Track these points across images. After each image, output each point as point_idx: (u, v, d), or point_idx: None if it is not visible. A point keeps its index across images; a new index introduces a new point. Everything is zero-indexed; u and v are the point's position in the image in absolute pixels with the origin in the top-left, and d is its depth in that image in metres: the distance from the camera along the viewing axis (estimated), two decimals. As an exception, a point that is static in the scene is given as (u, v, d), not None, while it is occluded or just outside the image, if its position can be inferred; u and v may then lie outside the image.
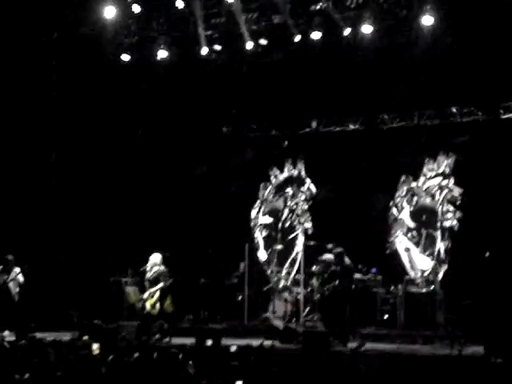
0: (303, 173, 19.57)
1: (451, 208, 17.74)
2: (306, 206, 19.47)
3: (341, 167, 18.69)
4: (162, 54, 17.79)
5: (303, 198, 19.53)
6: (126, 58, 18.16)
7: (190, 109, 19.49)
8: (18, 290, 16.39)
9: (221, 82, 18.77)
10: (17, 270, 16.35)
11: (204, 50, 17.69)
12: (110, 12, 16.90)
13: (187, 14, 17.16)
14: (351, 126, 19.02)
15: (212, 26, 17.57)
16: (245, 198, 19.90)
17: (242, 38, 17.35)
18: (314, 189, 19.41)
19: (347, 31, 16.74)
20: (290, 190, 19.76)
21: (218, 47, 17.95)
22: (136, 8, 17.18)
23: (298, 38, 17.15)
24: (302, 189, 19.60)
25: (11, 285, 16.32)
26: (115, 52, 18.06)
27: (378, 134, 18.63)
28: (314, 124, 19.30)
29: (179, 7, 17.02)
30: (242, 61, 18.24)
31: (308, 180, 19.47)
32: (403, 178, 18.33)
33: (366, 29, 16.41)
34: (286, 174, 19.80)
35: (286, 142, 19.63)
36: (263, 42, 17.59)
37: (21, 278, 16.34)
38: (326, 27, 16.85)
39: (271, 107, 19.33)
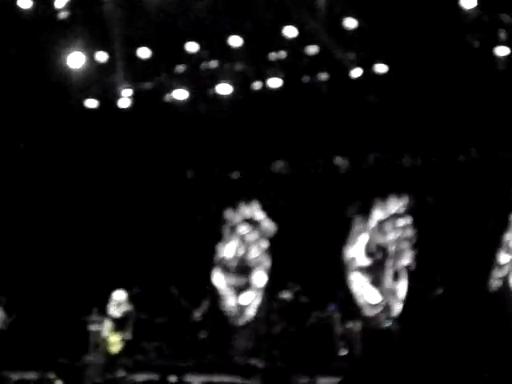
0: (259, 212, 20.00)
1: (405, 246, 18.30)
2: (264, 245, 19.86)
3: (297, 208, 19.24)
4: (126, 102, 18.46)
5: (260, 236, 19.89)
6: (91, 104, 18.77)
7: (155, 154, 20.00)
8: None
9: (184, 126, 19.26)
10: None
11: (168, 97, 18.39)
12: (76, 59, 17.43)
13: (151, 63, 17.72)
14: (308, 169, 19.66)
15: (176, 74, 18.22)
16: (208, 236, 20.31)
17: (205, 83, 18.03)
18: (271, 227, 19.79)
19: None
20: (246, 229, 20.15)
21: (183, 93, 18.52)
22: (102, 56, 17.71)
23: (258, 85, 17.92)
24: (258, 228, 19.97)
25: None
26: (81, 98, 18.60)
27: (332, 177, 19.29)
28: (278, 165, 19.88)
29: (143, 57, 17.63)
30: (204, 105, 18.81)
31: (265, 219, 19.89)
32: (357, 218, 18.91)
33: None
34: (241, 215, 20.18)
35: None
36: (227, 86, 18.16)
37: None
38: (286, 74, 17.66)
39: (233, 150, 19.85)
